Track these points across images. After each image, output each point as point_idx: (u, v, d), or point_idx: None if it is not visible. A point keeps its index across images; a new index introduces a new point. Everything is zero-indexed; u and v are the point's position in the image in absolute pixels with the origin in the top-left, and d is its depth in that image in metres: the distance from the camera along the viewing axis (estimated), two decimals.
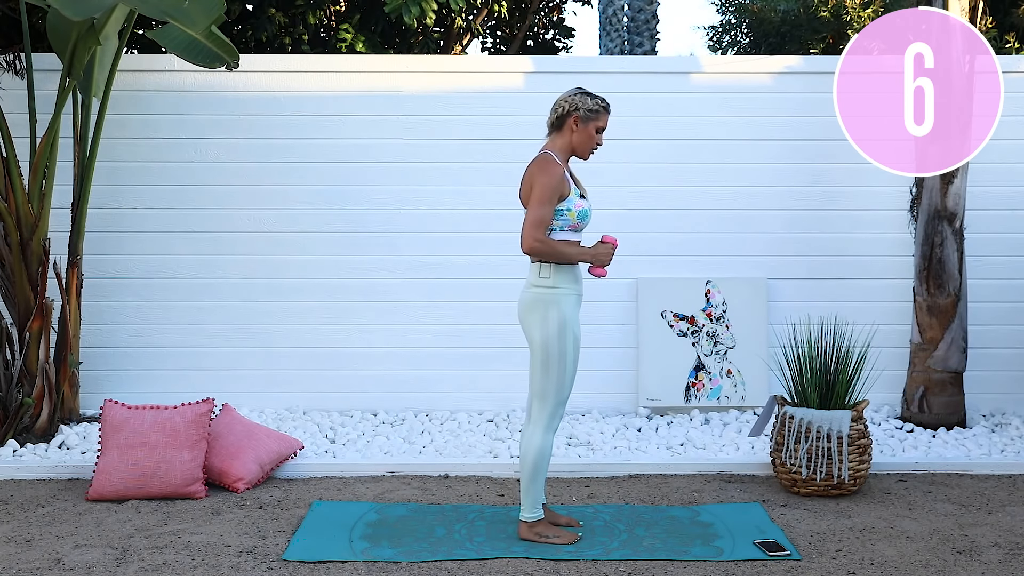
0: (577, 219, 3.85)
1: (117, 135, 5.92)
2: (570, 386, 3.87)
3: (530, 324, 3.84)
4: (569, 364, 3.83)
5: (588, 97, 3.88)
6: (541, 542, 3.88)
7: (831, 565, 3.72)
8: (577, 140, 3.88)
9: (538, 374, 3.83)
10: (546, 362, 3.80)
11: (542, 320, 3.79)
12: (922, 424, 5.63)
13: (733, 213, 6.09)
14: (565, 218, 3.83)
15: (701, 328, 6.02)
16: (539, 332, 3.80)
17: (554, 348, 3.79)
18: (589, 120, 3.86)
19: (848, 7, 10.03)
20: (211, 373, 6.02)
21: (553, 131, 3.92)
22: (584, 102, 3.86)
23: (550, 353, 3.79)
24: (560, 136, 3.90)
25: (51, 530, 4.07)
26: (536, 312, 3.81)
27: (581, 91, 3.90)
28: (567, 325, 3.80)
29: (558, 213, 3.82)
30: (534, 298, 3.83)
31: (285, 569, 3.66)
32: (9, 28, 6.48)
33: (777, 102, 6.11)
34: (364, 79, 6.09)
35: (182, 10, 4.68)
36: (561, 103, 3.88)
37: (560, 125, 3.89)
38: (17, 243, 5.30)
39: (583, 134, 3.87)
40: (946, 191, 5.61)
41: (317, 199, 6.05)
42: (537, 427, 3.85)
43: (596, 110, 3.87)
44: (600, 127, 3.90)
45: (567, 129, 3.88)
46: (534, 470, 3.85)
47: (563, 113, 3.87)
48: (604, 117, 3.90)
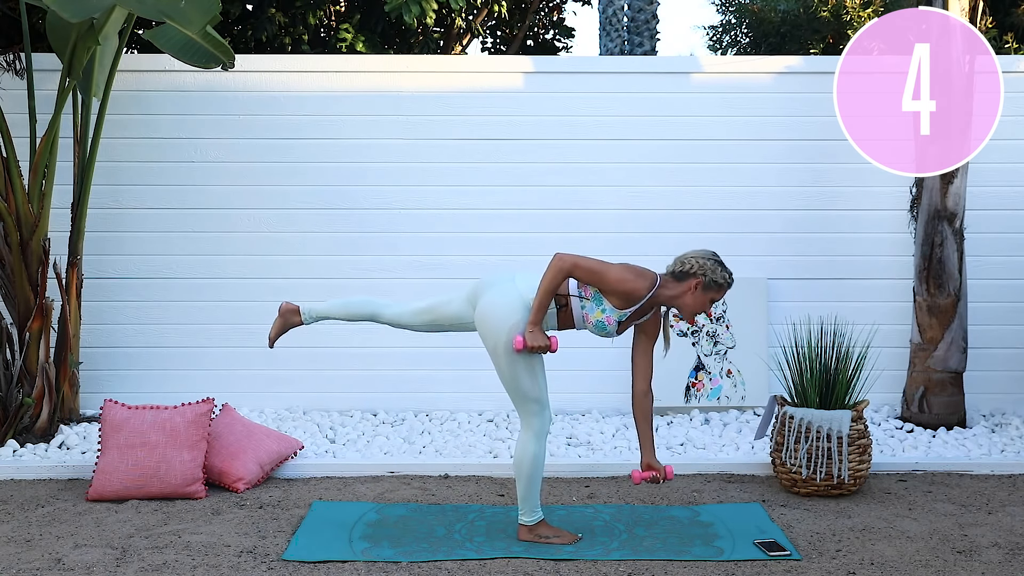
0: (593, 326, 3.83)
1: (117, 135, 5.92)
2: (543, 385, 3.84)
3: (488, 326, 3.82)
4: (535, 362, 3.80)
5: (719, 267, 3.80)
6: (542, 543, 3.88)
7: (831, 565, 3.72)
8: (690, 302, 3.81)
9: (508, 383, 3.83)
10: (511, 368, 3.78)
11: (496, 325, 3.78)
12: (922, 424, 5.63)
13: (733, 213, 6.09)
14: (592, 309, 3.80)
15: (701, 328, 6.02)
16: (491, 339, 3.81)
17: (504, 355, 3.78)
18: (710, 290, 3.81)
19: (848, 7, 10.03)
20: (211, 373, 6.02)
21: (671, 277, 3.83)
22: (714, 272, 3.79)
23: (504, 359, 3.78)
24: (676, 287, 3.81)
25: (51, 530, 4.07)
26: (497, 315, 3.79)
27: (715, 259, 3.81)
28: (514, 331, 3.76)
29: (599, 301, 3.78)
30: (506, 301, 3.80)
31: (285, 569, 3.66)
32: (9, 28, 6.48)
33: (777, 102, 6.11)
34: (364, 79, 6.09)
35: (178, 10, 4.68)
36: (691, 261, 3.80)
37: (681, 279, 3.81)
38: (17, 243, 5.30)
39: (698, 300, 3.81)
40: (946, 191, 5.61)
41: (317, 199, 6.05)
42: (528, 433, 3.85)
43: (721, 285, 3.81)
44: (715, 299, 3.85)
45: (685, 286, 3.80)
46: (531, 475, 3.86)
47: (689, 271, 3.79)
48: (723, 293, 3.85)
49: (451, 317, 4.02)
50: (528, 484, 3.87)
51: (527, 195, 6.09)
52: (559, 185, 6.07)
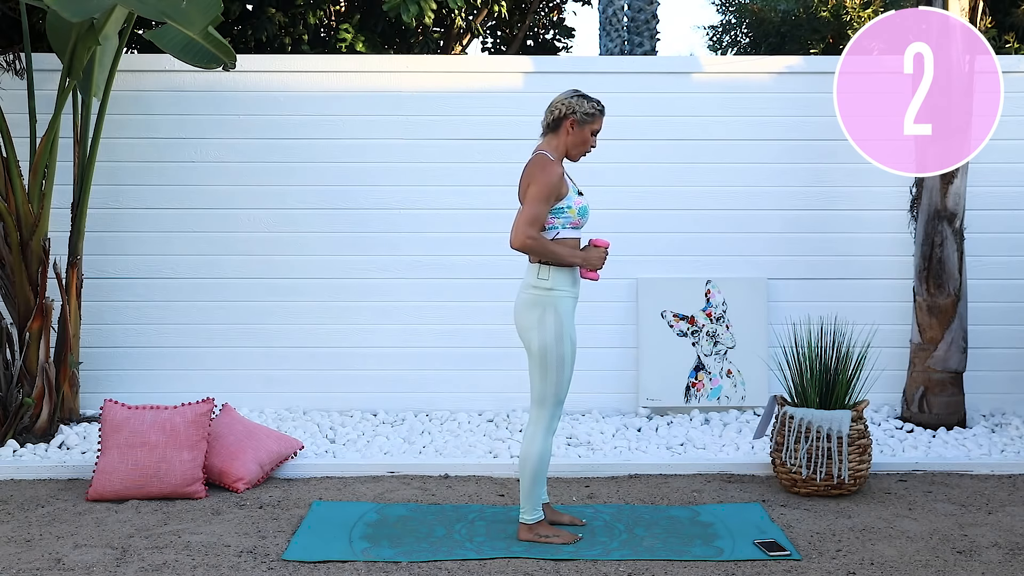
0: (578, 216, 3.86)
1: (117, 135, 5.92)
2: (567, 388, 3.88)
3: (526, 327, 3.84)
4: (567, 367, 3.84)
5: (585, 100, 3.88)
6: (541, 542, 3.88)
7: (831, 565, 3.72)
8: (572, 142, 3.89)
9: (536, 378, 3.84)
10: (544, 367, 3.81)
11: (539, 324, 3.80)
12: (922, 424, 5.63)
13: (733, 213, 6.09)
14: (567, 215, 3.84)
15: (701, 328, 6.02)
16: (536, 337, 3.80)
17: (552, 353, 3.79)
18: (585, 123, 3.87)
19: (848, 7, 10.03)
20: (211, 373, 6.02)
21: (548, 132, 3.92)
22: (581, 105, 3.86)
23: (548, 358, 3.80)
24: (555, 137, 3.90)
25: (51, 530, 4.07)
26: (532, 315, 3.81)
27: (578, 94, 3.89)
28: (564, 329, 3.81)
29: (559, 211, 3.83)
30: (531, 300, 3.83)
31: (285, 569, 3.66)
32: (9, 28, 6.48)
33: (777, 102, 6.11)
34: (364, 79, 6.08)
35: (180, 11, 4.68)
36: (558, 105, 3.88)
37: (556, 127, 3.89)
38: (17, 243, 5.30)
39: (578, 137, 3.88)
40: (946, 191, 5.61)
41: (317, 199, 6.05)
42: (537, 430, 3.86)
43: (592, 113, 3.89)
44: (595, 130, 3.91)
45: (563, 131, 3.88)
46: (535, 473, 3.86)
47: (559, 116, 3.87)
48: (600, 120, 3.91)
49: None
50: (532, 481, 3.87)
51: None
52: None
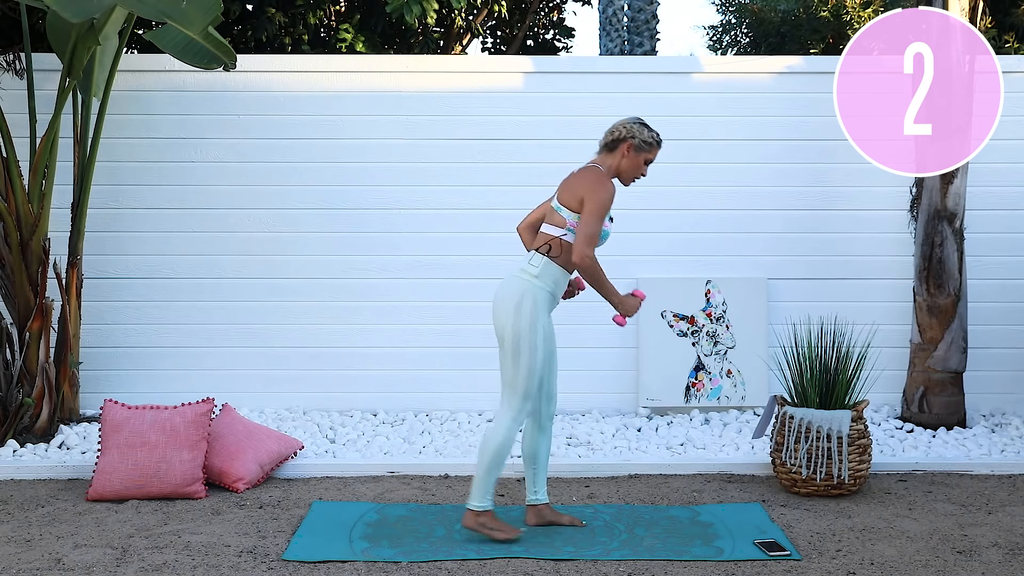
0: (601, 238, 3.93)
1: (117, 135, 5.92)
2: (538, 379, 3.88)
3: (502, 311, 3.87)
4: (537, 356, 3.85)
5: (645, 128, 3.98)
6: (482, 532, 3.87)
7: (831, 565, 3.72)
8: (625, 166, 3.98)
9: (508, 366, 3.86)
10: (516, 354, 3.83)
11: (515, 310, 3.83)
12: (922, 424, 5.63)
13: (733, 213, 6.09)
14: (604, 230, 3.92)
15: (701, 328, 6.02)
16: (511, 323, 3.83)
17: (525, 340, 3.82)
18: (642, 151, 3.97)
19: (848, 7, 10.03)
20: (211, 373, 6.02)
21: (604, 151, 4.00)
22: (641, 132, 3.96)
23: (520, 345, 3.82)
24: (610, 157, 3.98)
25: (51, 530, 4.07)
26: (511, 301, 3.85)
27: (640, 121, 4.00)
28: (538, 318, 3.84)
29: None
30: (514, 283, 3.88)
31: (285, 569, 3.66)
32: (9, 28, 6.48)
33: (777, 102, 6.11)
34: (364, 79, 6.08)
35: (180, 11, 4.67)
36: (619, 128, 3.98)
37: (613, 148, 3.98)
38: (17, 243, 5.30)
39: (632, 162, 3.97)
40: (946, 191, 5.61)
41: (317, 199, 6.05)
42: (504, 418, 3.86)
43: (650, 143, 3.98)
44: (649, 160, 4.01)
45: (618, 153, 3.97)
46: (493, 460, 3.86)
47: (618, 138, 3.96)
48: (655, 152, 4.01)
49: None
50: (488, 469, 3.86)
51: (527, 195, 6.04)
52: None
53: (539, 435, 4.07)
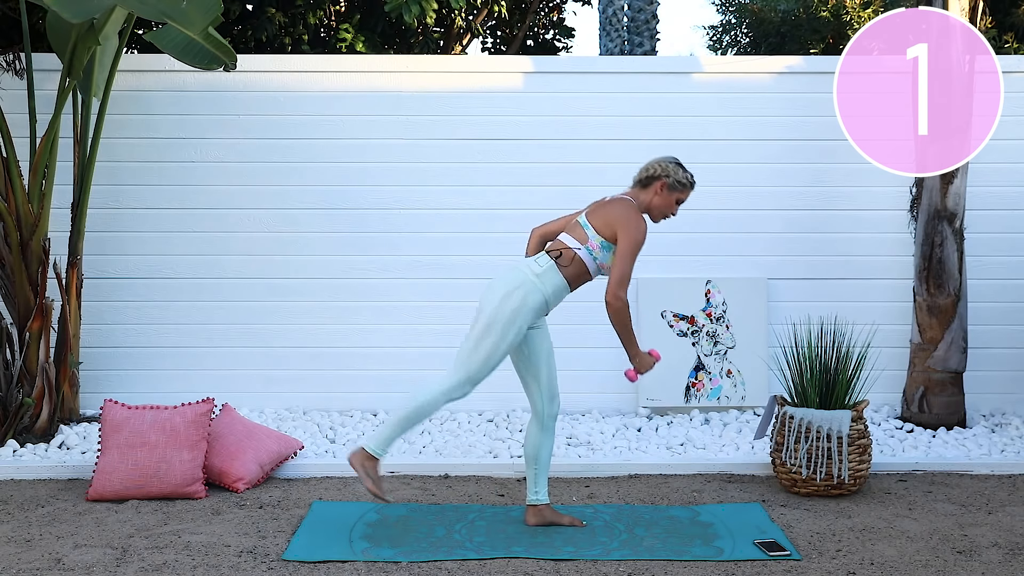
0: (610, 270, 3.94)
1: (117, 135, 5.92)
2: (489, 371, 3.88)
3: (492, 292, 3.89)
4: (500, 350, 3.85)
5: (680, 169, 4.02)
6: (359, 473, 3.85)
7: (831, 565, 3.72)
8: (657, 204, 4.01)
9: (471, 342, 3.88)
10: (483, 335, 3.84)
11: (504, 297, 3.85)
12: (922, 424, 5.63)
13: (733, 213, 6.09)
14: (605, 257, 3.92)
15: (701, 328, 6.02)
16: (494, 306, 3.85)
17: (497, 328, 3.83)
18: (675, 190, 4.01)
19: (848, 7, 10.03)
20: (211, 373, 6.02)
21: (637, 185, 4.05)
22: (676, 172, 4.00)
23: (491, 329, 3.83)
24: (644, 192, 4.03)
25: (51, 530, 4.07)
26: (505, 287, 3.87)
27: (676, 162, 4.04)
28: (519, 315, 3.84)
29: (607, 248, 3.91)
30: (513, 274, 3.89)
31: (285, 569, 3.66)
32: (9, 28, 6.48)
33: (777, 102, 6.11)
34: (364, 79, 6.09)
35: (180, 11, 4.68)
36: (654, 165, 4.02)
37: (646, 184, 4.03)
38: (17, 243, 5.30)
39: (664, 200, 4.01)
40: (946, 191, 5.61)
41: (317, 199, 6.06)
42: (441, 385, 3.86)
43: (684, 184, 4.02)
44: (681, 200, 4.04)
45: (652, 190, 4.01)
46: (408, 418, 3.84)
47: (653, 175, 4.01)
48: (688, 193, 4.06)
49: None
50: (399, 423, 3.85)
51: (527, 195, 6.09)
52: (559, 185, 6.07)
53: (542, 435, 4.07)
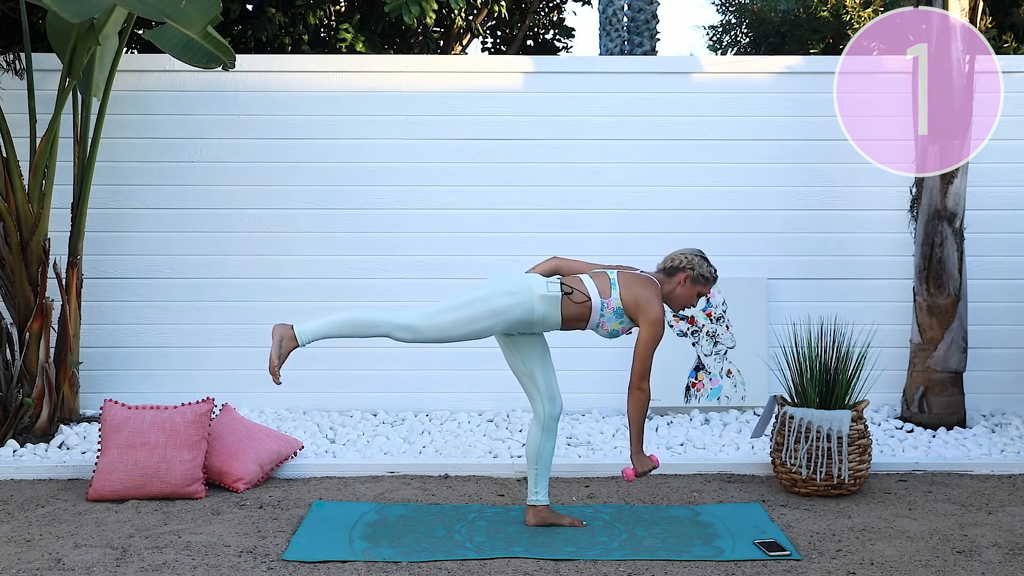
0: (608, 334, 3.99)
1: (117, 135, 5.92)
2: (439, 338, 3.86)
3: (497, 278, 3.92)
4: (463, 329, 3.84)
5: (705, 263, 4.09)
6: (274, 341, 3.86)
7: (831, 565, 3.72)
8: (679, 294, 4.07)
9: (448, 302, 3.88)
10: (460, 306, 3.83)
11: (504, 291, 3.86)
12: (922, 424, 5.63)
13: (733, 213, 6.09)
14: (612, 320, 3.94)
15: (701, 328, 6.02)
16: (491, 288, 3.87)
17: (479, 306, 3.83)
18: (697, 283, 4.07)
19: (848, 7, 10.03)
20: (211, 373, 6.02)
21: (662, 272, 4.10)
22: (701, 267, 4.07)
23: (475, 303, 3.83)
24: (667, 282, 4.08)
25: (51, 530, 4.07)
26: (510, 283, 3.88)
27: (701, 255, 4.11)
28: (499, 316, 3.84)
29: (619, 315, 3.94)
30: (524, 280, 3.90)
31: (285, 569, 3.66)
32: (9, 28, 6.48)
33: (777, 102, 6.11)
34: (364, 79, 6.09)
35: (179, 10, 4.67)
36: (680, 257, 4.08)
37: (671, 274, 4.08)
38: (17, 243, 5.30)
39: (686, 292, 4.07)
40: (946, 191, 5.61)
41: (317, 199, 6.06)
42: (397, 317, 3.83)
43: (708, 278, 4.09)
44: (703, 293, 4.11)
45: (675, 281, 4.07)
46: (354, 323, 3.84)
47: (678, 266, 4.07)
48: (710, 287, 4.12)
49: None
50: (341, 324, 3.85)
51: (527, 195, 6.10)
52: (559, 185, 6.07)
53: (543, 436, 4.07)
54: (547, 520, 4.09)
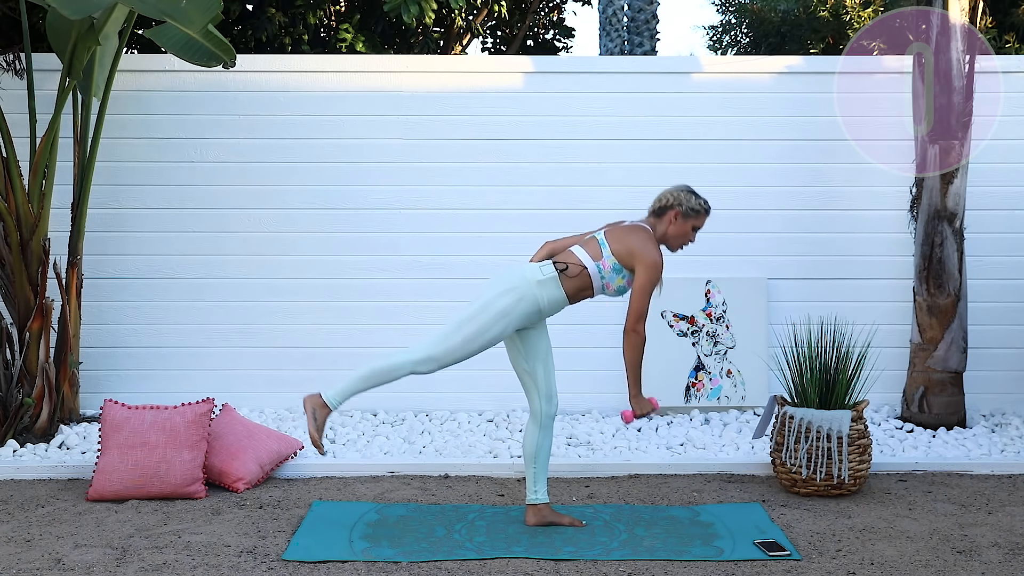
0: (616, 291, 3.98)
1: (117, 135, 5.92)
2: (459, 358, 3.89)
3: (493, 283, 3.91)
4: (478, 342, 3.86)
5: (693, 196, 4.04)
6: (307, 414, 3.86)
7: (831, 565, 3.72)
8: (673, 233, 4.04)
9: (454, 323, 3.87)
10: (469, 320, 3.84)
11: (501, 292, 3.86)
12: (922, 424, 5.63)
13: (733, 213, 6.08)
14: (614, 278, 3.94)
15: (701, 328, 6.02)
16: (488, 296, 3.86)
17: (482, 318, 3.84)
18: (689, 218, 4.03)
19: (848, 7, 10.02)
20: (211, 373, 6.02)
21: (652, 216, 4.07)
22: (688, 200, 4.02)
23: (477, 317, 3.83)
24: (659, 223, 4.05)
25: (51, 530, 4.07)
26: (506, 282, 3.89)
27: (688, 189, 4.06)
28: (506, 315, 3.85)
29: (618, 270, 3.93)
30: (517, 273, 3.91)
31: (285, 569, 3.66)
32: (9, 28, 6.48)
33: (777, 102, 6.11)
34: (364, 79, 6.09)
35: (179, 9, 4.67)
36: (666, 195, 4.05)
37: (660, 214, 4.05)
38: (17, 243, 5.30)
39: (680, 229, 4.03)
40: (946, 191, 5.61)
41: (317, 199, 6.06)
42: (413, 354, 3.87)
43: (698, 210, 4.04)
44: (697, 226, 4.06)
45: (666, 220, 4.04)
46: (375, 376, 3.89)
47: (665, 205, 4.04)
48: (703, 219, 4.07)
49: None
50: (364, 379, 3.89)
51: (527, 195, 6.10)
52: (559, 185, 6.07)
53: (540, 435, 4.07)
54: (547, 519, 4.09)
